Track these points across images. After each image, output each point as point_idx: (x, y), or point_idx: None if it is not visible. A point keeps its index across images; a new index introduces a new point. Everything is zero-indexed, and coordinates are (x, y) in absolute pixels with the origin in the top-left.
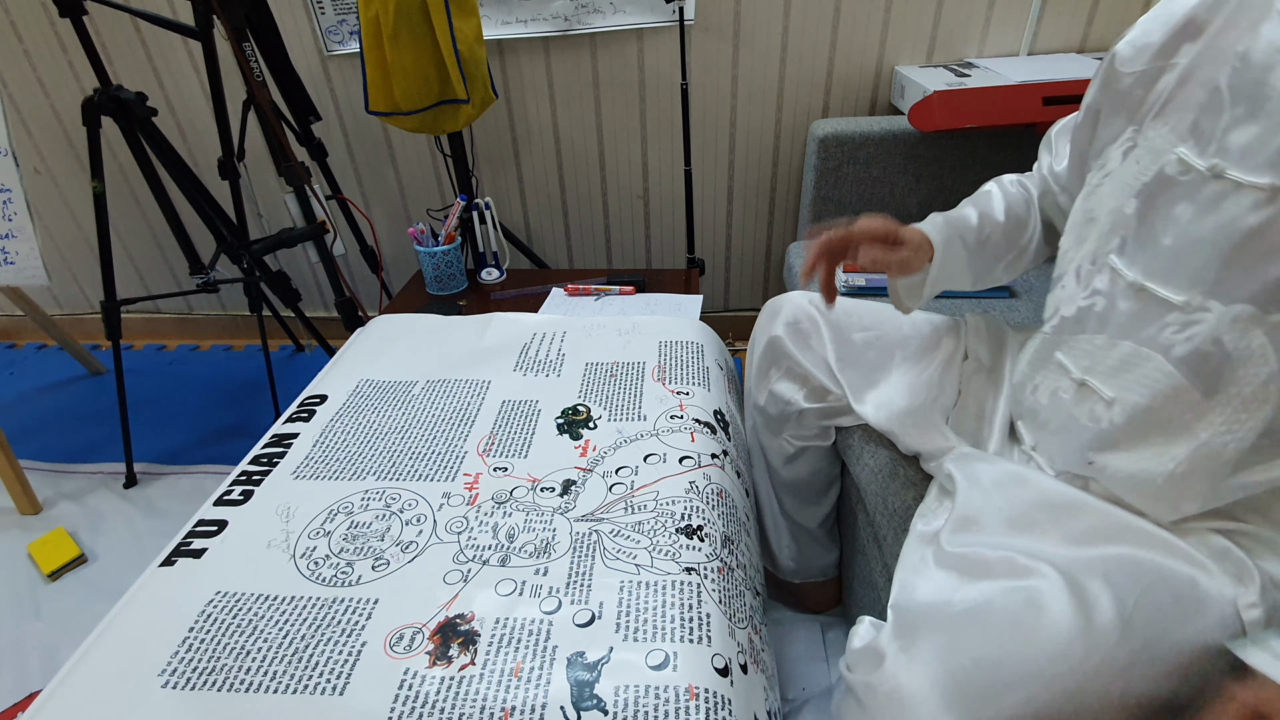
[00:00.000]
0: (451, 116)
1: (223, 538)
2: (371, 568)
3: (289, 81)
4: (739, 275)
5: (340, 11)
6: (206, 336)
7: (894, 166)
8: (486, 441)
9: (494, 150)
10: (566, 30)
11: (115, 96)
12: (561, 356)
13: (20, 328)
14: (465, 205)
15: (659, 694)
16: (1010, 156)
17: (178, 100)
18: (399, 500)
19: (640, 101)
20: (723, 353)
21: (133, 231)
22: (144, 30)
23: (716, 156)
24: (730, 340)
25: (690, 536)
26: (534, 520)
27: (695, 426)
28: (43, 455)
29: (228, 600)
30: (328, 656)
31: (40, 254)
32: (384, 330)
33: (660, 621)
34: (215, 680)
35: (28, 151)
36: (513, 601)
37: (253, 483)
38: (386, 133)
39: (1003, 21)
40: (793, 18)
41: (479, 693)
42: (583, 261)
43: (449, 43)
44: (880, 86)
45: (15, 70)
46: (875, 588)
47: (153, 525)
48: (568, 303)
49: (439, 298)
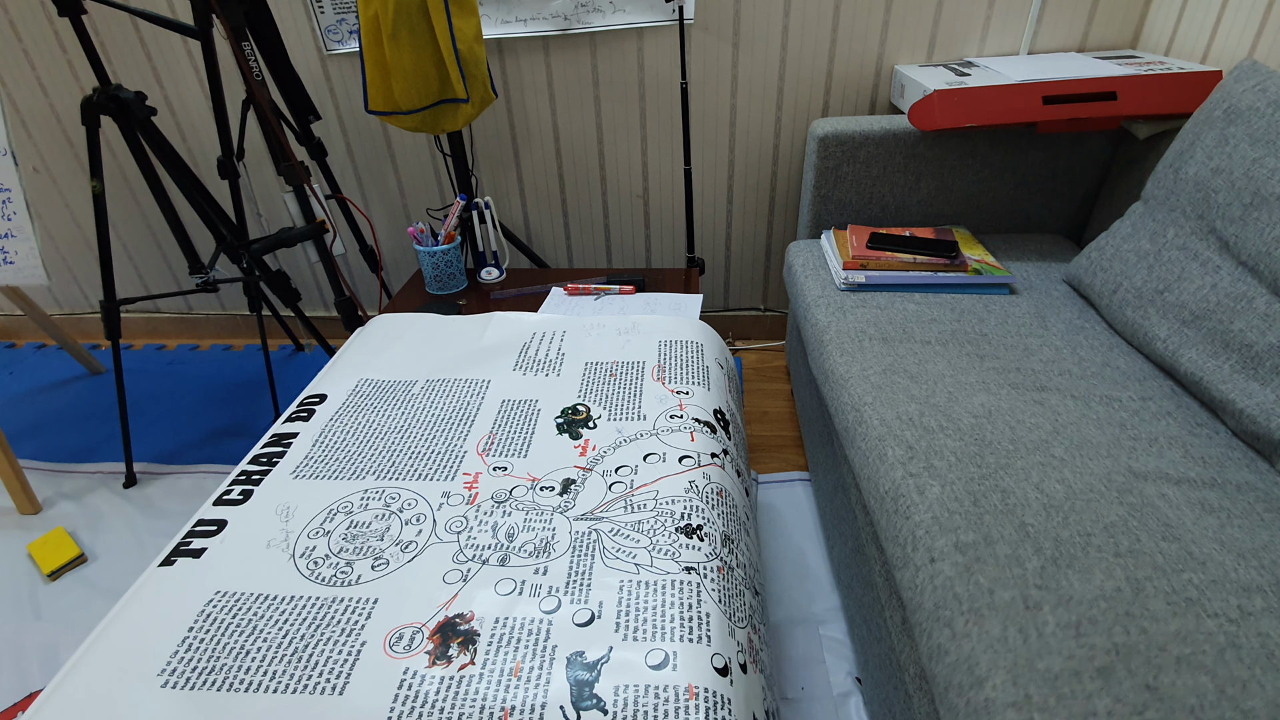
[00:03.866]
0: (451, 116)
1: (222, 537)
2: (371, 567)
3: (288, 81)
4: (739, 274)
5: (339, 10)
6: (206, 336)
7: (894, 166)
8: (486, 441)
9: (494, 150)
10: (566, 29)
11: (114, 96)
12: (561, 356)
13: (20, 327)
14: (465, 205)
15: (659, 693)
16: (1010, 156)
17: (177, 100)
18: (398, 500)
19: (640, 101)
20: (723, 352)
21: (132, 231)
22: (143, 30)
23: (716, 156)
24: (730, 339)
25: (690, 536)
26: (533, 520)
27: (695, 426)
28: (42, 455)
29: (227, 600)
30: (327, 656)
31: (40, 254)
32: (384, 330)
33: (660, 621)
34: (215, 680)
35: (27, 151)
36: (512, 601)
37: (252, 482)
38: (386, 132)
39: (1003, 20)
40: (792, 17)
41: (479, 692)
42: (582, 261)
43: (448, 42)
44: (880, 86)
45: (14, 70)
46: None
47: (152, 525)
48: (567, 302)
49: (439, 297)
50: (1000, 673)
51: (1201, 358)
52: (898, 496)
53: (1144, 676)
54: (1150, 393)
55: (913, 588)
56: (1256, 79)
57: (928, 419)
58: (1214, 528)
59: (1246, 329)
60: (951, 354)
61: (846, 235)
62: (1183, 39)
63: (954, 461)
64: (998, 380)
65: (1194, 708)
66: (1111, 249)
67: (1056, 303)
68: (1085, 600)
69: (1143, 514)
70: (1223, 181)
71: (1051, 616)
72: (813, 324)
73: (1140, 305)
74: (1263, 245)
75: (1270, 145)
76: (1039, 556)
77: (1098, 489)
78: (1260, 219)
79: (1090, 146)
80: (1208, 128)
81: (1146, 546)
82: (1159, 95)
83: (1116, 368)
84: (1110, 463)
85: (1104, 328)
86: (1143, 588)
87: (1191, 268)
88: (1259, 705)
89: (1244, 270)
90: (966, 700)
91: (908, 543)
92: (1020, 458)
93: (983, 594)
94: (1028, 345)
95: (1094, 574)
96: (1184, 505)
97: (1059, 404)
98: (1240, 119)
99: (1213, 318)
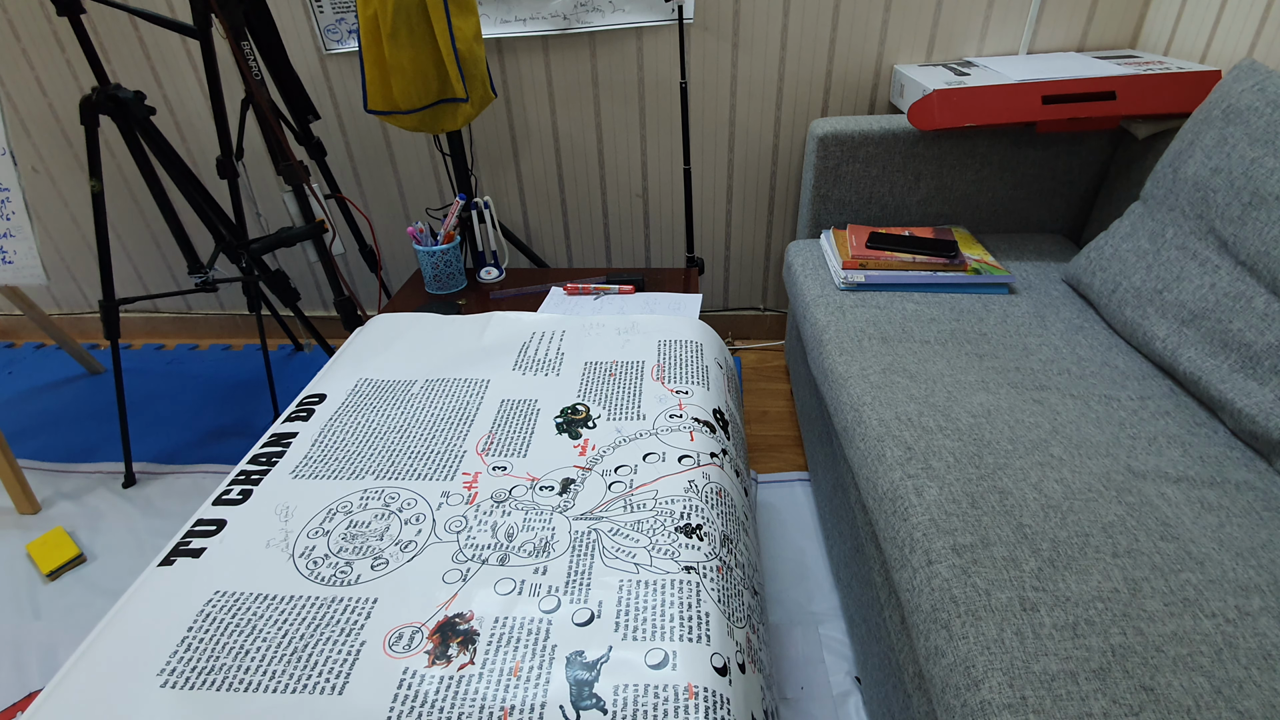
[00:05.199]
0: (450, 115)
1: (222, 537)
2: (370, 567)
3: (287, 80)
4: (738, 274)
5: (339, 10)
6: (205, 336)
7: (893, 165)
8: (485, 440)
9: (493, 149)
10: (565, 29)
11: (113, 95)
12: (560, 355)
13: (19, 327)
14: (464, 204)
15: (658, 693)
16: (1010, 155)
17: (176, 99)
18: (398, 499)
19: (639, 100)
20: (722, 351)
21: (131, 231)
22: (142, 29)
23: (716, 155)
24: (730, 339)
25: (689, 535)
26: (533, 519)
27: (694, 425)
28: (41, 455)
29: (227, 600)
30: (327, 656)
31: (39, 253)
32: (383, 329)
33: (659, 620)
34: (214, 680)
35: (26, 150)
36: (512, 600)
37: (251, 482)
38: (385, 132)
39: (1002, 20)
40: (792, 16)
41: (478, 692)
42: (582, 260)
43: (448, 41)
44: (880, 85)
45: (13, 69)
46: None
47: (152, 525)
48: (567, 302)
49: (438, 297)
50: (997, 674)
51: (1200, 357)
52: (896, 498)
53: (1140, 677)
54: (1149, 392)
55: (910, 589)
56: (1255, 79)
57: (926, 419)
58: (1213, 526)
59: (1245, 328)
60: (951, 354)
61: (846, 235)
62: (1182, 39)
63: (952, 462)
64: (997, 380)
65: (1190, 709)
66: (1110, 249)
67: (1056, 302)
68: (1082, 601)
69: (1141, 513)
70: (1221, 181)
71: (1048, 618)
72: (812, 324)
73: (1139, 305)
74: (1261, 245)
75: (1269, 145)
76: (1036, 558)
77: (1096, 488)
78: (1259, 218)
79: (1089, 146)
80: (1207, 127)
81: (1145, 546)
82: (1158, 95)
83: (1115, 367)
84: (1109, 462)
85: (1103, 327)
86: (1140, 588)
87: (1190, 267)
88: (1255, 706)
89: (1243, 270)
90: (963, 702)
91: (905, 544)
92: (1019, 457)
93: (980, 596)
94: (1027, 345)
95: (1091, 575)
96: (1183, 504)
97: (1058, 403)
98: (1239, 119)
99: (1211, 317)
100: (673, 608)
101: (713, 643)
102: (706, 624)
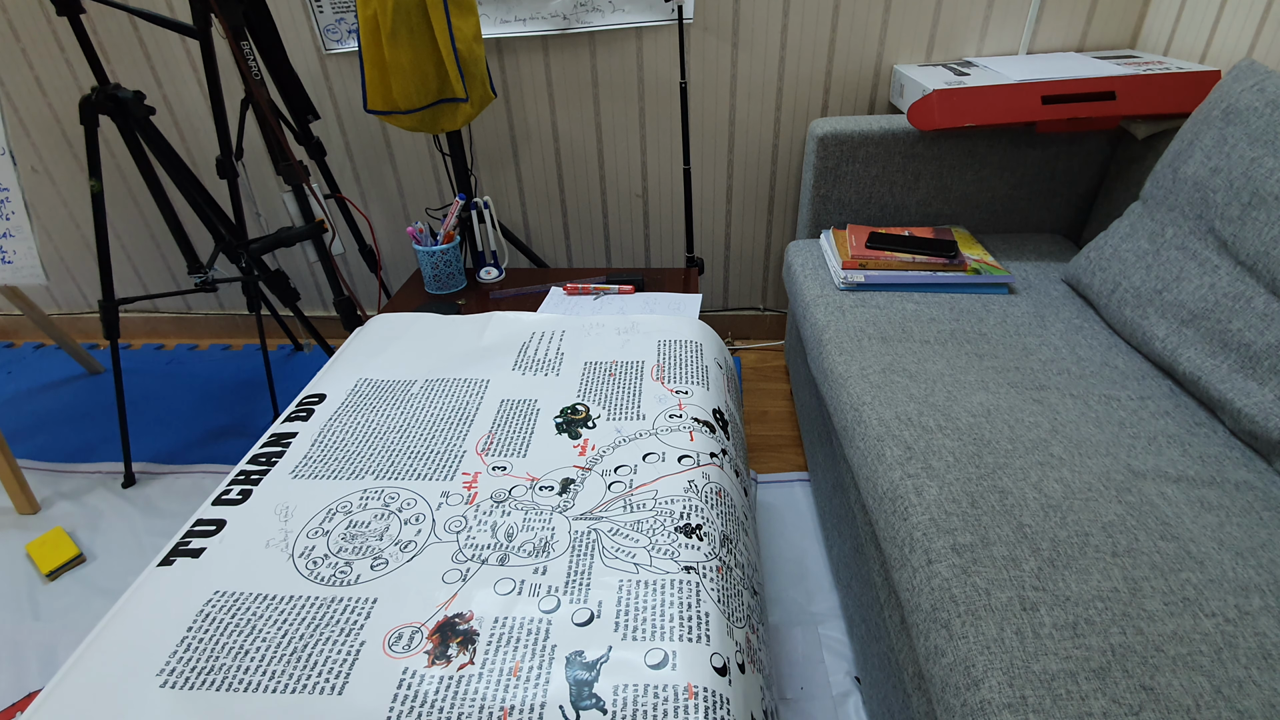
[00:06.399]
0: (450, 115)
1: (221, 537)
2: (370, 567)
3: (287, 80)
4: (738, 274)
5: (338, 10)
6: (205, 336)
7: (893, 165)
8: (485, 440)
9: (493, 149)
10: (565, 29)
11: (113, 95)
12: (560, 355)
13: (18, 327)
14: (464, 204)
15: (658, 693)
16: (1009, 155)
17: (176, 99)
18: (398, 499)
19: (639, 100)
20: (722, 351)
21: (131, 230)
22: (142, 29)
23: (715, 155)
24: (729, 339)
25: (689, 535)
26: (533, 519)
27: (694, 425)
28: (41, 455)
29: (226, 600)
30: (326, 656)
31: (38, 253)
32: (383, 329)
33: (659, 620)
34: (214, 680)
35: (25, 150)
36: (511, 600)
37: (251, 482)
38: (385, 131)
39: (1002, 20)
40: (792, 16)
41: (478, 692)
42: (582, 261)
43: (447, 41)
44: (879, 85)
45: (13, 69)
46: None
47: (151, 525)
48: (566, 302)
49: (438, 297)
50: (996, 674)
51: (1200, 357)
52: (896, 498)
53: (1140, 677)
54: (1149, 392)
55: (910, 589)
56: (1255, 79)
57: (926, 418)
58: (1212, 526)
59: (1244, 328)
60: (950, 353)
61: (845, 235)
62: (1181, 39)
63: (952, 462)
64: (996, 379)
65: (1190, 708)
66: (1110, 249)
67: (1055, 302)
68: (1082, 601)
69: (1141, 513)
70: (1221, 181)
71: (1048, 617)
72: (812, 323)
73: (1139, 305)
74: (1261, 245)
75: (1268, 145)
76: (1036, 557)
77: (1096, 488)
78: (1258, 218)
79: (1089, 146)
80: (1206, 127)
81: (1144, 545)
82: (1158, 95)
83: (1115, 367)
84: (1109, 461)
85: (1103, 327)
86: (1140, 587)
87: (1190, 267)
88: (1255, 706)
89: (1242, 270)
90: (963, 701)
91: (905, 544)
92: (1019, 457)
93: (979, 595)
94: (1026, 344)
95: (1091, 574)
96: (1182, 503)
97: (1058, 403)
98: (1239, 119)
99: (1211, 317)
100: (672, 608)
101: (712, 643)
102: (706, 624)
